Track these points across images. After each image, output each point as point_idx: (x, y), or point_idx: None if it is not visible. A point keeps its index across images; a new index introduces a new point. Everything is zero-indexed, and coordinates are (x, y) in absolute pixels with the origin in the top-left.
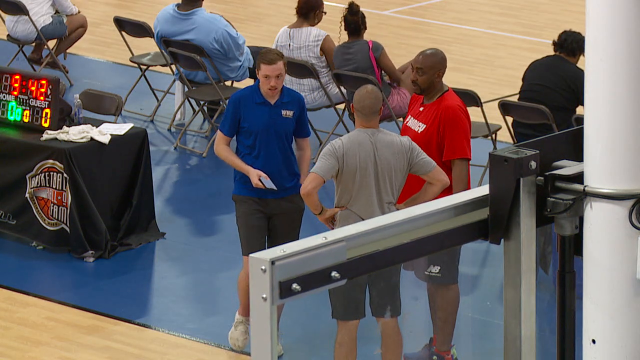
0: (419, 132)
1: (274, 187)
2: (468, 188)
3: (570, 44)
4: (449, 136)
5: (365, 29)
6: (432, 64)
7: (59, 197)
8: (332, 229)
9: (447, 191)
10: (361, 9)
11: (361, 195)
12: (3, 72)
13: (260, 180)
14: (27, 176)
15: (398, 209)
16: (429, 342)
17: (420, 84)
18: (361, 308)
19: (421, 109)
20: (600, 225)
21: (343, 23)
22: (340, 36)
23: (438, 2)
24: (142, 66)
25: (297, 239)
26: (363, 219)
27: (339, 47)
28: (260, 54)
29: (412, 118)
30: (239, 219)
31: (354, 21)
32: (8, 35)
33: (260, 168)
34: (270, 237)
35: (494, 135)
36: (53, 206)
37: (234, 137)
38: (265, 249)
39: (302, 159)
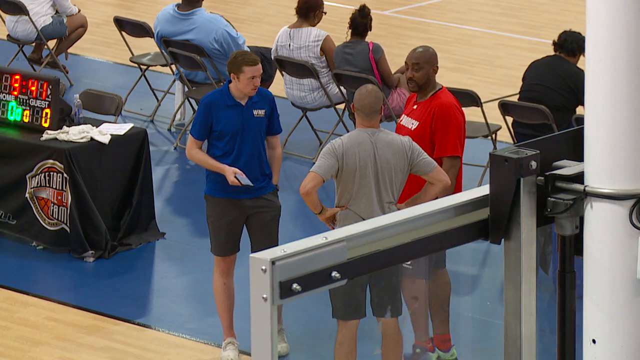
0: (412, 129)
1: (250, 183)
2: (458, 186)
3: (570, 44)
4: (440, 133)
5: (370, 30)
6: (428, 59)
7: (59, 197)
8: (333, 228)
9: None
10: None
11: (361, 195)
12: (3, 72)
13: (236, 177)
14: (27, 176)
15: (398, 209)
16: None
17: (417, 80)
18: (361, 308)
19: (415, 107)
20: (601, 225)
21: (350, 23)
22: (347, 38)
23: (438, 2)
24: (142, 66)
25: (277, 238)
26: (363, 219)
27: (339, 47)
28: (240, 57)
29: (405, 116)
30: (210, 218)
31: (363, 24)
32: (8, 35)
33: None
34: (250, 238)
35: (494, 135)
36: (53, 206)
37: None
38: (237, 248)
39: (273, 158)
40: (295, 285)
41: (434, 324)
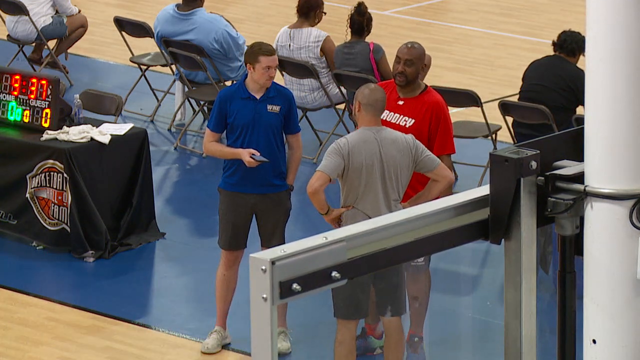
0: (407, 126)
1: (265, 159)
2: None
3: (570, 44)
4: (441, 131)
5: (369, 31)
6: (419, 55)
7: (60, 197)
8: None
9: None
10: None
11: (367, 194)
12: (3, 72)
13: (252, 157)
14: (28, 176)
15: (403, 207)
16: (360, 332)
17: (408, 75)
18: (363, 307)
19: (400, 102)
20: (601, 225)
21: (349, 21)
22: (346, 37)
23: (438, 2)
24: (142, 66)
25: (282, 237)
26: (369, 217)
27: (340, 47)
28: (257, 47)
29: (387, 111)
30: (220, 212)
31: (359, 21)
32: (8, 35)
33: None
34: (259, 236)
35: (494, 135)
36: (54, 206)
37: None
38: (242, 244)
39: (291, 159)
40: (295, 285)
41: (374, 314)
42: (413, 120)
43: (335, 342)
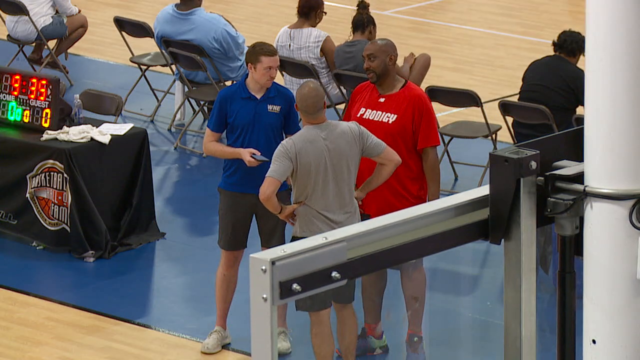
0: (390, 122)
1: (266, 159)
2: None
3: (570, 44)
4: (425, 125)
5: (372, 33)
6: (381, 48)
7: (60, 197)
8: (293, 224)
9: (422, 179)
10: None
11: (318, 191)
12: (3, 72)
13: (252, 156)
14: (28, 176)
15: (357, 194)
16: (360, 332)
17: (374, 69)
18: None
19: (382, 99)
20: (601, 225)
21: (352, 22)
22: (349, 37)
23: (438, 2)
24: (142, 66)
25: (282, 238)
26: (320, 213)
27: (341, 46)
28: (258, 47)
29: (370, 110)
30: (220, 211)
31: (359, 14)
32: (8, 35)
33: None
34: (259, 236)
35: (494, 136)
36: (54, 206)
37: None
38: (242, 244)
39: None
40: (295, 286)
41: (374, 314)
42: (395, 116)
43: (311, 335)
